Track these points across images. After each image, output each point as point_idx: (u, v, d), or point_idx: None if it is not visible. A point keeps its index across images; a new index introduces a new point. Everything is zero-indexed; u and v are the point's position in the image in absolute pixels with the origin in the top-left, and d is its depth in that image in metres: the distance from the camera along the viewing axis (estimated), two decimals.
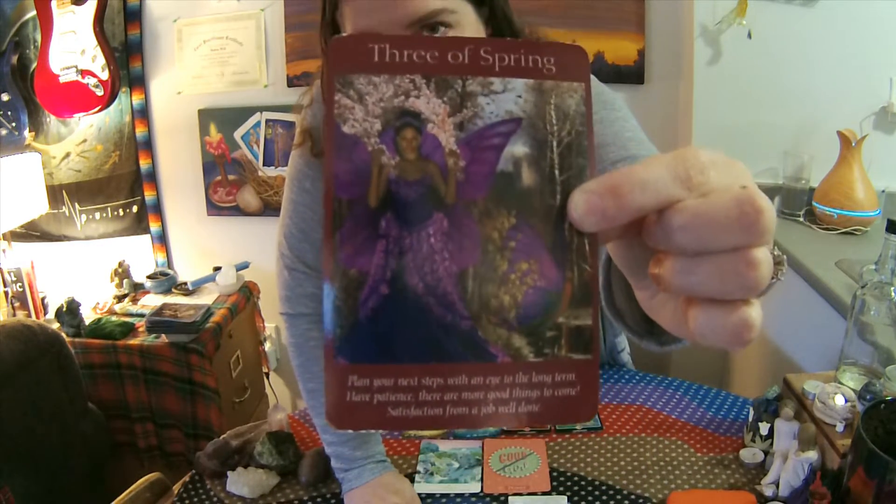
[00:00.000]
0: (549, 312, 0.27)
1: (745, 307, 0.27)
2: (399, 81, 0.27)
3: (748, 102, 1.89)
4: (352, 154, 0.27)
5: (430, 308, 0.27)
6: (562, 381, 0.27)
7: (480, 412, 0.27)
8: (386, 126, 0.27)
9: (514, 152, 0.28)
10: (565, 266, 0.28)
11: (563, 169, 0.28)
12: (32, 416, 1.65)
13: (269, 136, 2.31)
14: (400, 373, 0.27)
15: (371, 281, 0.27)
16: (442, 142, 0.28)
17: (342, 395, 0.26)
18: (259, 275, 2.40)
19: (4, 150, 2.30)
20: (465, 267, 0.27)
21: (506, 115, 0.28)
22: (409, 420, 0.27)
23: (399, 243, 0.27)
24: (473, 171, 0.28)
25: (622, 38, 2.02)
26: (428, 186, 0.27)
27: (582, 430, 1.11)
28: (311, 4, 2.11)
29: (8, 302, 2.20)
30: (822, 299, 1.38)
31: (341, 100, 0.27)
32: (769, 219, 0.26)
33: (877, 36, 1.75)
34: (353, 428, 0.27)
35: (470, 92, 0.28)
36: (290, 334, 0.99)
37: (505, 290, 0.27)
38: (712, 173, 0.27)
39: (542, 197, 0.28)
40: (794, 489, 0.90)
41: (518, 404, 0.27)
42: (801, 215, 1.82)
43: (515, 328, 0.27)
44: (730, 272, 0.26)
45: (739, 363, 2.06)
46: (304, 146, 0.93)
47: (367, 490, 0.94)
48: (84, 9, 2.13)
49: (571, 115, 0.28)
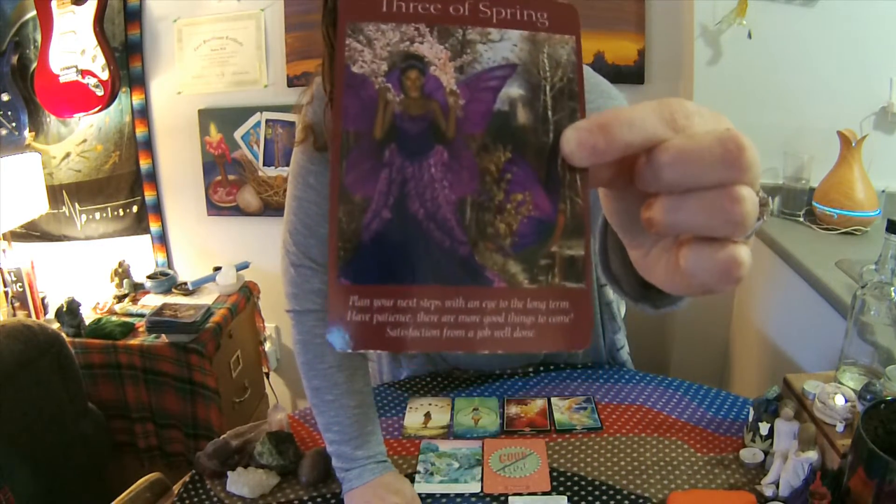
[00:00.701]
0: (542, 241, 0.29)
1: (733, 245, 0.28)
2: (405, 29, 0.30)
3: (748, 102, 1.89)
4: (360, 91, 0.29)
5: (429, 233, 0.28)
6: (555, 309, 0.29)
7: (476, 335, 0.28)
8: (392, 67, 0.29)
9: (509, 93, 0.30)
10: (558, 199, 0.29)
11: (556, 110, 0.30)
12: (32, 416, 1.65)
13: (269, 136, 2.31)
14: (399, 294, 0.28)
15: (374, 206, 0.28)
16: (443, 82, 0.30)
17: (343, 315, 0.27)
18: (259, 275, 2.40)
19: (4, 150, 2.30)
20: (463, 196, 0.29)
21: (502, 61, 0.30)
22: (406, 341, 0.28)
23: (402, 172, 0.29)
24: (472, 109, 0.30)
25: (622, 38, 2.02)
26: (430, 122, 0.29)
27: (582, 430, 1.11)
28: (312, 4, 2.12)
29: (8, 302, 2.20)
30: (822, 299, 1.38)
31: (351, 43, 0.29)
32: (751, 156, 0.27)
33: (877, 36, 1.75)
34: (354, 348, 0.28)
35: (469, 40, 0.30)
36: (297, 331, 0.99)
37: (501, 218, 0.29)
38: (696, 119, 0.29)
39: (536, 134, 0.30)
40: (794, 489, 0.90)
41: (513, 329, 0.28)
42: (801, 215, 1.82)
43: (511, 255, 0.29)
44: (716, 207, 0.27)
45: (739, 363, 2.06)
46: (306, 142, 0.93)
47: (367, 490, 0.94)
48: (84, 9, 2.13)
49: (563, 63, 0.31)
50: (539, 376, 1.28)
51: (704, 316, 2.12)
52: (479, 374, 1.28)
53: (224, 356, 2.12)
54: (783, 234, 1.72)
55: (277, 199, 2.36)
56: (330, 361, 0.97)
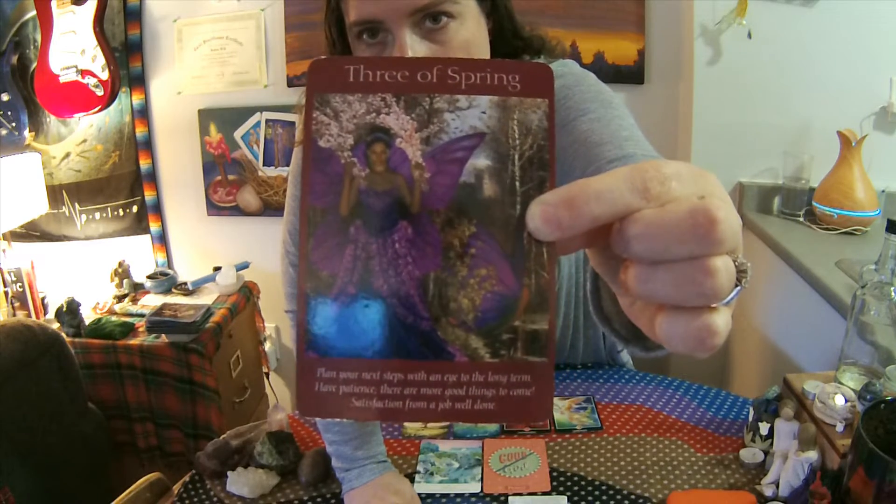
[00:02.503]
0: (505, 316, 0.29)
1: (708, 313, 0.27)
2: (371, 100, 0.30)
3: (748, 102, 1.89)
4: (326, 166, 0.29)
5: (393, 309, 0.29)
6: (517, 382, 0.29)
7: (438, 407, 0.29)
8: (358, 141, 0.30)
9: (476, 165, 0.30)
10: (523, 273, 0.29)
11: (524, 181, 0.29)
12: (32, 416, 1.65)
13: (269, 136, 2.31)
14: (364, 367, 0.29)
15: (339, 282, 0.29)
16: (409, 155, 0.30)
17: (311, 386, 0.29)
18: (259, 275, 2.40)
19: (4, 150, 2.30)
20: (426, 272, 0.29)
21: (470, 130, 0.30)
22: (370, 411, 0.29)
23: (366, 248, 0.29)
24: (437, 182, 0.30)
25: (622, 38, 2.02)
26: (395, 197, 0.29)
27: (582, 430, 1.11)
28: (311, 4, 2.12)
29: (8, 302, 2.20)
30: (822, 299, 1.38)
31: (318, 116, 0.30)
32: (725, 229, 0.26)
33: (877, 36, 1.75)
34: (320, 416, 0.29)
35: (437, 108, 0.30)
36: None
37: (464, 293, 0.29)
38: (673, 184, 0.27)
39: (502, 207, 0.29)
40: (794, 489, 0.90)
41: (474, 402, 0.29)
42: (801, 215, 1.82)
43: (473, 330, 0.29)
44: (686, 280, 0.26)
45: (739, 363, 2.06)
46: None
47: (367, 490, 0.94)
48: (84, 9, 2.13)
49: (534, 129, 0.30)
50: None
51: None
52: None
53: (224, 356, 2.12)
54: (783, 234, 1.72)
55: (277, 199, 2.36)
56: None
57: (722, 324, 0.28)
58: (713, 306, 0.28)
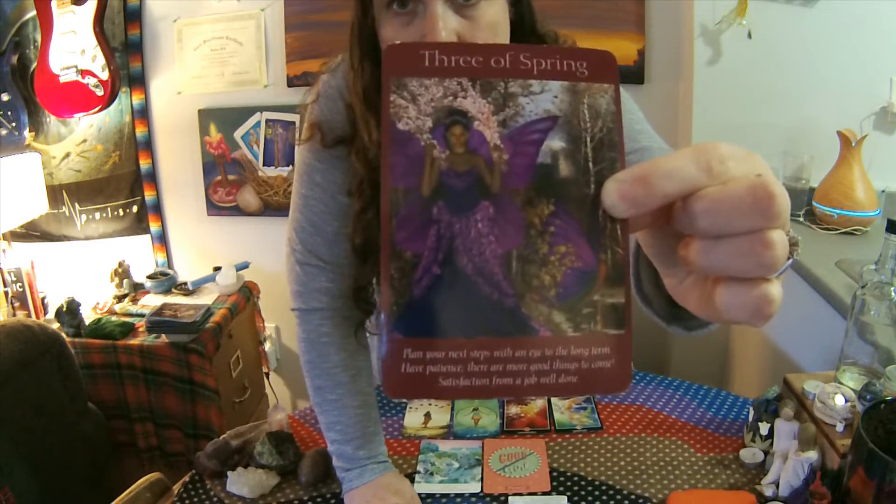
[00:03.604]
0: (585, 291, 0.30)
1: (765, 284, 0.29)
2: (448, 84, 0.31)
3: (748, 102, 1.89)
4: (406, 148, 0.30)
5: (477, 287, 0.30)
6: (598, 355, 0.30)
7: (524, 382, 0.29)
8: (437, 123, 0.30)
9: (551, 146, 0.31)
10: (599, 249, 0.30)
11: (597, 161, 0.31)
12: (32, 416, 1.65)
13: (269, 136, 2.31)
14: (450, 346, 0.29)
15: (424, 262, 0.29)
16: (487, 137, 0.31)
17: (398, 367, 0.29)
18: (259, 275, 2.40)
19: (4, 150, 2.30)
20: (509, 249, 0.30)
21: (544, 114, 0.31)
22: (458, 389, 0.29)
23: (450, 228, 0.30)
24: (516, 163, 0.31)
25: (622, 38, 2.02)
26: (475, 177, 0.30)
27: (582, 430, 1.11)
28: (312, 4, 2.12)
29: (8, 302, 2.20)
30: (822, 299, 1.38)
31: (396, 100, 0.30)
32: (781, 204, 0.28)
33: (877, 36, 1.75)
34: (408, 397, 0.29)
35: (511, 93, 0.31)
36: (302, 330, 0.99)
37: (545, 270, 0.30)
38: (731, 163, 0.29)
39: (577, 186, 0.31)
40: (794, 489, 0.90)
41: (558, 375, 0.30)
42: (801, 215, 1.82)
43: (555, 305, 0.30)
44: (747, 252, 0.29)
45: (739, 363, 2.06)
46: (312, 140, 0.93)
47: (367, 490, 0.94)
48: (84, 9, 2.13)
49: (603, 113, 0.31)
50: None
51: None
52: None
53: (224, 356, 2.12)
54: None
55: (277, 199, 2.36)
56: (334, 360, 0.97)
57: (776, 293, 0.30)
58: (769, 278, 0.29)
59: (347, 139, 0.89)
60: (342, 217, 0.93)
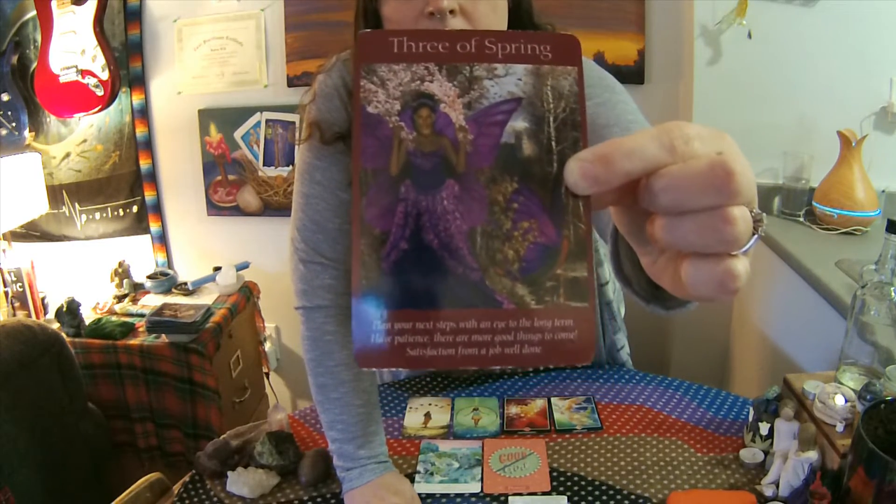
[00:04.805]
0: (548, 265, 0.31)
1: (729, 259, 0.30)
2: (415, 69, 0.32)
3: (748, 102, 1.89)
4: (375, 130, 0.31)
5: (443, 261, 0.31)
6: (560, 326, 0.31)
7: (489, 353, 0.31)
8: (404, 106, 0.32)
9: (515, 127, 0.32)
10: (562, 225, 0.31)
11: (559, 141, 0.32)
12: (32, 416, 1.65)
13: (269, 136, 2.31)
14: (417, 317, 0.30)
15: (392, 238, 0.31)
16: (453, 119, 0.32)
17: (367, 338, 0.30)
18: (259, 275, 2.40)
19: (4, 150, 2.30)
20: (473, 226, 0.31)
21: (508, 96, 0.32)
22: (424, 359, 0.30)
23: (416, 205, 0.31)
24: (480, 143, 0.32)
25: (622, 38, 2.02)
26: (441, 157, 0.32)
27: (582, 430, 1.11)
28: (312, 4, 2.12)
29: (8, 302, 2.20)
30: (822, 299, 1.38)
31: (366, 85, 0.32)
32: (741, 181, 0.29)
33: (877, 36, 1.75)
34: (377, 366, 0.30)
35: (476, 76, 0.32)
36: (306, 328, 0.99)
37: (509, 245, 0.31)
38: (696, 143, 0.30)
39: (541, 165, 0.32)
40: (794, 489, 0.90)
41: (522, 346, 0.31)
42: (801, 215, 1.82)
43: (518, 278, 0.31)
44: (708, 227, 0.29)
45: (739, 363, 2.06)
46: (312, 139, 0.94)
47: (367, 490, 0.94)
48: (84, 9, 2.13)
49: (566, 94, 0.33)
50: (539, 376, 1.28)
51: (704, 316, 2.12)
52: (478, 373, 1.28)
53: (224, 356, 2.12)
54: (783, 234, 1.72)
55: (277, 199, 2.36)
56: (338, 359, 0.97)
57: (741, 269, 0.30)
58: (734, 253, 0.30)
59: (346, 134, 0.91)
60: (344, 213, 0.95)
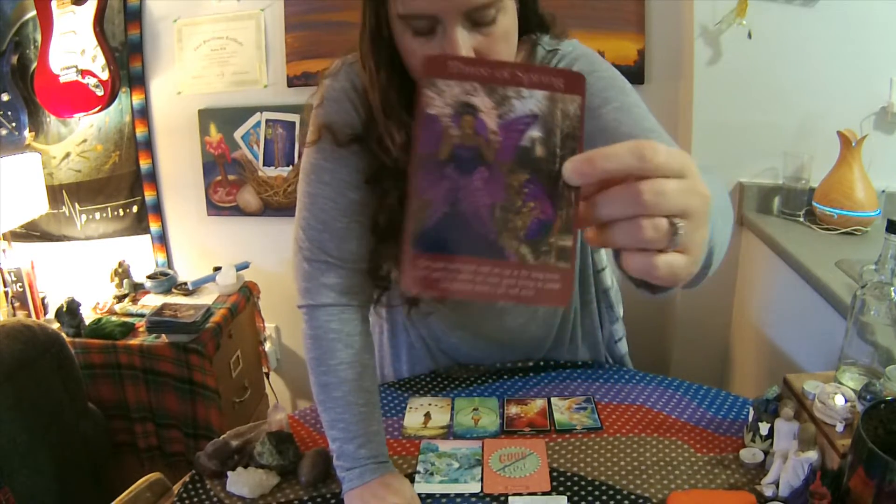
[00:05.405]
0: (544, 234, 0.42)
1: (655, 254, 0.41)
2: (465, 85, 0.43)
3: (748, 102, 1.89)
4: (432, 127, 0.42)
5: (470, 223, 0.42)
6: (549, 279, 0.42)
7: (496, 291, 0.42)
8: (454, 111, 0.42)
9: (531, 135, 0.42)
10: (558, 207, 0.42)
11: (562, 148, 0.43)
12: (32, 416, 1.65)
13: (270, 136, 2.31)
14: (448, 260, 0.42)
15: (435, 204, 0.42)
16: (488, 124, 0.42)
17: (413, 271, 0.41)
18: (259, 275, 2.40)
19: (4, 150, 2.30)
20: (495, 201, 0.42)
21: (529, 112, 0.43)
22: (451, 290, 0.42)
23: (456, 183, 0.42)
24: (506, 144, 0.42)
25: (622, 38, 2.02)
26: (477, 150, 0.42)
27: (582, 431, 1.11)
28: (311, 4, 2.12)
29: (8, 302, 2.20)
30: (822, 299, 1.38)
31: (428, 93, 0.42)
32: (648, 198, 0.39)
33: (877, 36, 1.75)
34: (418, 290, 0.42)
35: (508, 96, 0.43)
36: (310, 326, 0.99)
37: (518, 217, 0.42)
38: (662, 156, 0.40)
39: (547, 163, 0.42)
40: (794, 489, 0.90)
41: (520, 289, 0.42)
42: (801, 215, 1.82)
43: (523, 241, 0.42)
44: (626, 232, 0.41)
45: (739, 363, 2.06)
46: (322, 141, 0.95)
47: (366, 490, 0.94)
48: (84, 9, 2.13)
49: (571, 115, 0.43)
50: (539, 376, 1.28)
51: (704, 316, 2.12)
52: (478, 370, 1.28)
53: (224, 356, 2.12)
54: (783, 234, 1.72)
55: (277, 199, 2.36)
56: (341, 357, 0.97)
57: (662, 262, 0.41)
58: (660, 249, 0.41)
59: (361, 136, 0.93)
60: (350, 213, 0.96)
